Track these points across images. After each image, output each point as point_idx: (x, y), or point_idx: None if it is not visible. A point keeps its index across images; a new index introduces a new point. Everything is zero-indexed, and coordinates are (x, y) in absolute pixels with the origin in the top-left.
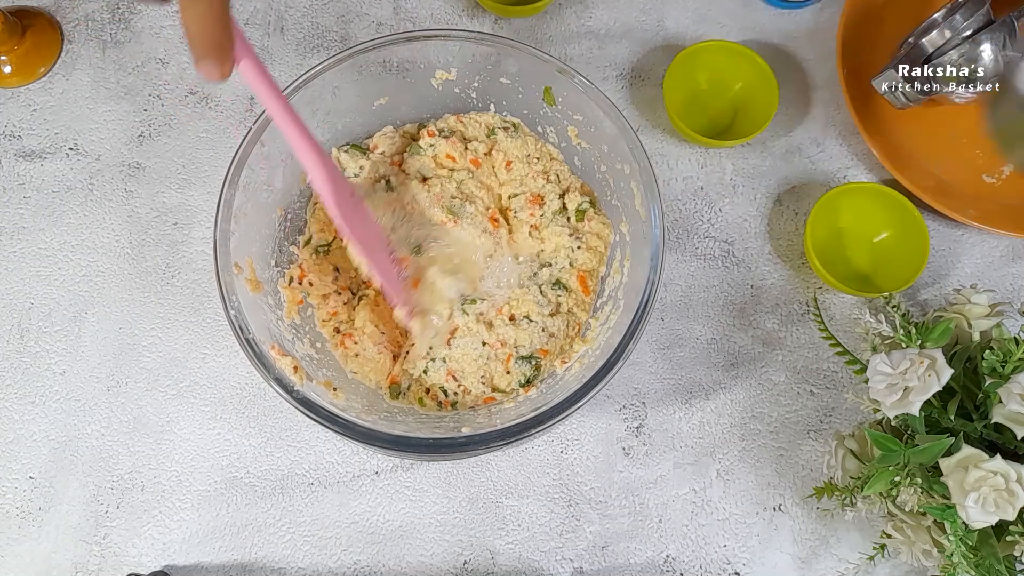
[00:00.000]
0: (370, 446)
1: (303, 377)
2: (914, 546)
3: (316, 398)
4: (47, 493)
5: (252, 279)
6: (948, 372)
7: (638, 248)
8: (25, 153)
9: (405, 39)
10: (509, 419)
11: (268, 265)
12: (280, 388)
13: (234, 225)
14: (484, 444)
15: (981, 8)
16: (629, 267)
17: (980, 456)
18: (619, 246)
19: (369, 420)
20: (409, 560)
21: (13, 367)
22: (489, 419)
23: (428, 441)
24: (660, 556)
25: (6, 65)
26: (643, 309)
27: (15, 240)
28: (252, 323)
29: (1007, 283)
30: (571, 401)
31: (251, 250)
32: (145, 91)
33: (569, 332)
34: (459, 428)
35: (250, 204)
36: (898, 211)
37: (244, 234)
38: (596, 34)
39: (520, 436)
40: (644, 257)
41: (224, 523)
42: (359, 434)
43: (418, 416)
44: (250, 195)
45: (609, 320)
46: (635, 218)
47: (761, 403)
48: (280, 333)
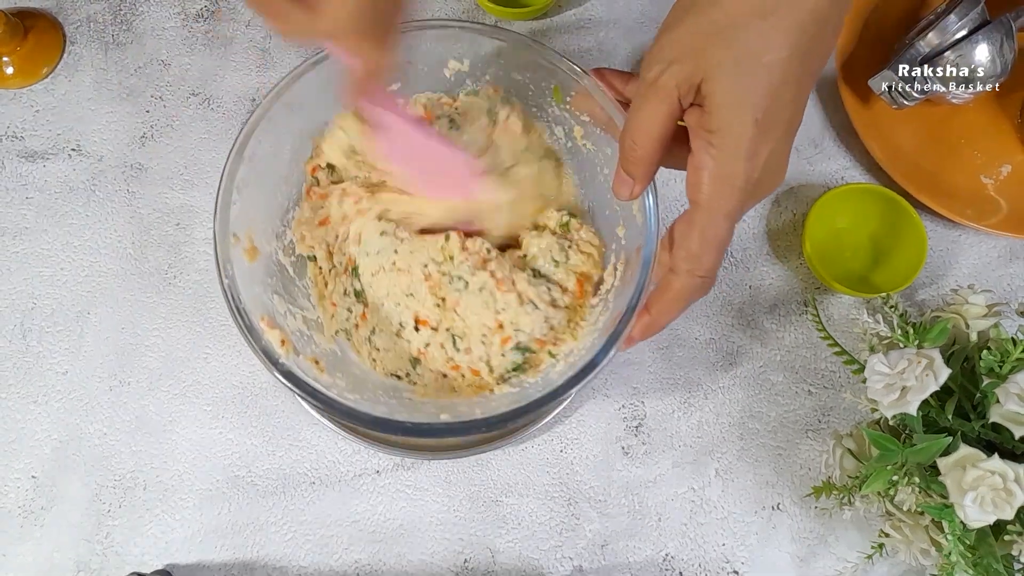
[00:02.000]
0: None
1: (290, 350)
2: (912, 545)
3: (300, 373)
4: (49, 492)
5: (250, 248)
6: (946, 372)
7: (632, 252)
8: (27, 154)
9: (418, 27)
10: (489, 410)
11: (271, 238)
12: (266, 359)
13: (236, 195)
14: (463, 432)
15: (975, 8)
16: (622, 271)
17: (978, 455)
18: (614, 252)
19: (351, 399)
20: (410, 559)
21: (16, 367)
22: (470, 408)
23: (407, 425)
24: (659, 555)
25: (8, 66)
26: (630, 313)
27: (18, 240)
28: (244, 294)
29: (1004, 283)
30: (551, 397)
31: (252, 222)
32: (147, 92)
33: (568, 327)
34: (438, 415)
35: (254, 176)
36: (896, 212)
37: (246, 205)
38: (596, 36)
39: (498, 427)
40: (637, 262)
41: (226, 522)
42: (340, 412)
43: (401, 399)
44: (254, 167)
45: (598, 322)
46: (632, 222)
47: (759, 402)
48: (272, 306)
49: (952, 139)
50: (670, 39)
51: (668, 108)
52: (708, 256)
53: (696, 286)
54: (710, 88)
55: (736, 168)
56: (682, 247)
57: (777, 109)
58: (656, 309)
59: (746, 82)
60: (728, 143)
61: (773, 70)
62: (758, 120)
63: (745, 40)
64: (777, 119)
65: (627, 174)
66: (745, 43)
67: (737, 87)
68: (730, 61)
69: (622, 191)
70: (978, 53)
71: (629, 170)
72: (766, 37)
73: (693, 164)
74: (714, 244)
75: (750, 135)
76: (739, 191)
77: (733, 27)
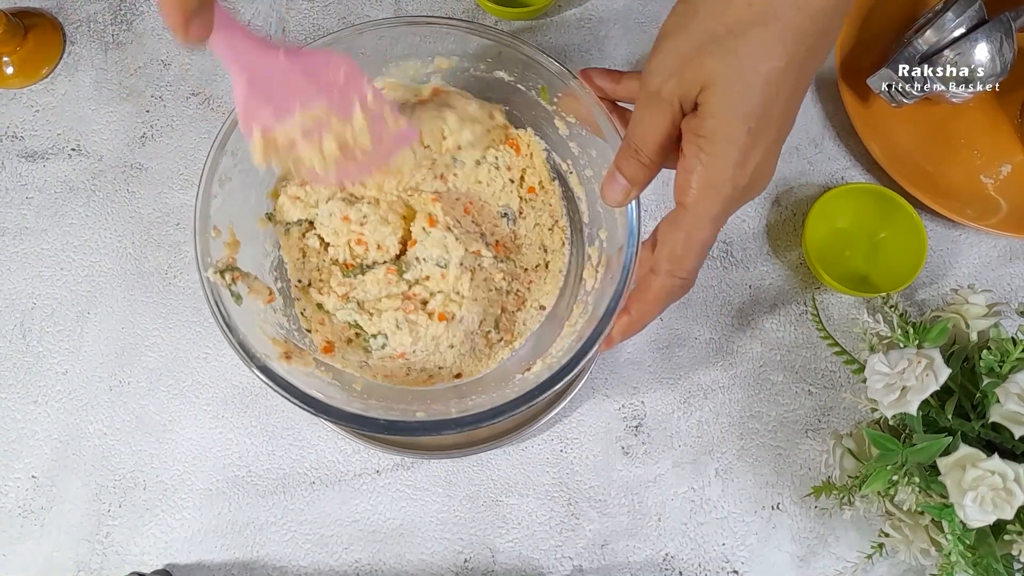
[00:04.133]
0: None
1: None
2: (912, 545)
3: (275, 365)
4: (49, 492)
5: (231, 241)
6: (946, 372)
7: (614, 254)
8: (27, 154)
9: (407, 23)
10: (464, 409)
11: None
12: (242, 352)
13: (217, 188)
14: (436, 430)
15: (972, 5)
16: (602, 273)
17: (978, 455)
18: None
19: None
20: (410, 558)
21: (16, 366)
22: (446, 407)
23: (380, 422)
24: (659, 554)
25: (8, 66)
26: (609, 315)
27: (18, 240)
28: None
29: (1004, 283)
30: (528, 398)
31: (233, 215)
32: (147, 92)
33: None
34: (414, 413)
35: (237, 170)
36: (896, 211)
37: (228, 198)
38: (596, 36)
39: (471, 426)
40: (618, 264)
41: (226, 522)
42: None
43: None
44: (238, 161)
45: (577, 323)
46: (614, 225)
47: (759, 402)
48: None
49: (952, 139)
50: (671, 48)
51: (670, 117)
52: (690, 258)
53: (676, 286)
54: (706, 97)
55: (725, 175)
56: (665, 247)
57: (770, 117)
58: (636, 309)
59: (742, 91)
60: (720, 150)
61: (770, 80)
62: (751, 129)
63: (744, 49)
64: (769, 127)
65: (626, 179)
66: (743, 52)
67: (733, 96)
68: (727, 71)
69: (616, 195)
70: (977, 53)
71: (629, 175)
72: (765, 46)
73: (683, 167)
74: (697, 246)
75: (742, 143)
76: (726, 196)
77: (732, 36)
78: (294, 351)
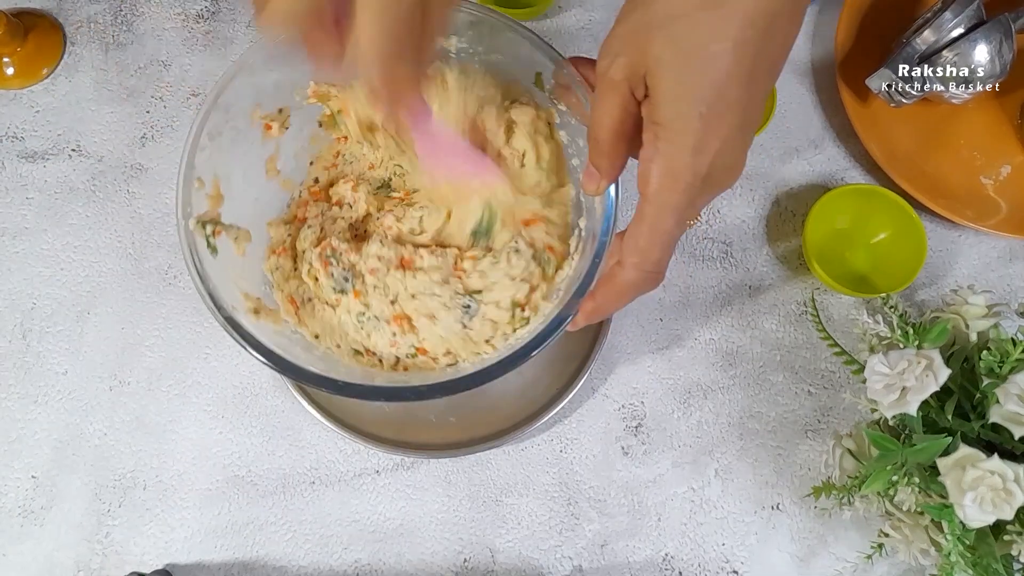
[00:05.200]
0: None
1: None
2: (912, 545)
3: (241, 317)
4: (49, 492)
5: (214, 195)
6: (945, 372)
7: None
8: (28, 154)
9: None
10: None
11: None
12: (210, 301)
13: (206, 141)
14: (393, 397)
15: (971, 5)
16: (577, 260)
17: (977, 456)
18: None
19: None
20: (410, 558)
21: (16, 367)
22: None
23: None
24: (659, 554)
25: (9, 67)
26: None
27: (18, 240)
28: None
29: (1004, 284)
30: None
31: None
32: (147, 93)
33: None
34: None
35: (228, 127)
36: (895, 212)
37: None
38: (596, 37)
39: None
40: (591, 249)
41: (226, 522)
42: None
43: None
44: (230, 118)
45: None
46: (592, 213)
47: (759, 403)
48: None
49: (952, 140)
50: (618, 32)
51: (621, 100)
52: (654, 250)
53: (642, 279)
54: (654, 81)
55: (682, 162)
56: (631, 239)
57: (725, 103)
58: (601, 296)
59: (690, 74)
60: (674, 136)
61: (718, 62)
62: (703, 114)
63: (689, 32)
64: (727, 112)
65: (594, 167)
66: (688, 35)
67: (681, 79)
68: (672, 53)
69: (587, 184)
70: (977, 53)
71: (595, 163)
72: (711, 28)
73: (643, 156)
74: (660, 238)
75: (695, 128)
76: (686, 185)
77: (675, 18)
78: (263, 308)
